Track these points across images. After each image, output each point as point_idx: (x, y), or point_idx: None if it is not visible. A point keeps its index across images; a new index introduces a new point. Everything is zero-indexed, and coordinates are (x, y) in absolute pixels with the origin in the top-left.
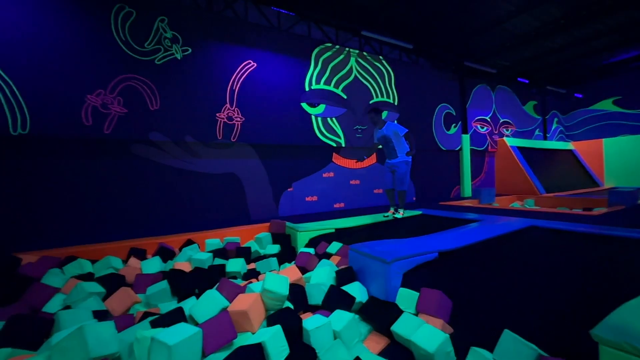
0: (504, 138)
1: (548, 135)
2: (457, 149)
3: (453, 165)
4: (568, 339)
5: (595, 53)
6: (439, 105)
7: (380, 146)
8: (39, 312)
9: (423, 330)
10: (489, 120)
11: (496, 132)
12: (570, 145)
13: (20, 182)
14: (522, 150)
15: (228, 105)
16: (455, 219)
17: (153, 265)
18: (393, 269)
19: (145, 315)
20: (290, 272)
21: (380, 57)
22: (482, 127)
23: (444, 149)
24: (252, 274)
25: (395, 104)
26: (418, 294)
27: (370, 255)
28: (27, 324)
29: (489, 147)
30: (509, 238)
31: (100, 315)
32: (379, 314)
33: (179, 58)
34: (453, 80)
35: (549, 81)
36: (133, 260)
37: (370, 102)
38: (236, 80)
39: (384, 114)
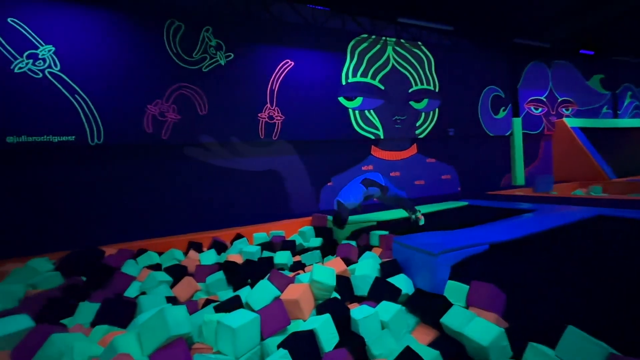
0: (564, 119)
1: (619, 112)
2: (507, 134)
3: (502, 152)
4: None
5: None
6: (486, 89)
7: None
8: (122, 296)
9: (475, 324)
10: (544, 100)
11: (553, 112)
12: None
13: (97, 186)
14: (585, 131)
15: (268, 105)
16: (507, 209)
17: (209, 257)
18: (440, 261)
19: (207, 302)
20: (335, 264)
21: (419, 42)
22: (537, 109)
23: (491, 135)
24: (298, 266)
25: (437, 90)
26: (468, 287)
27: (415, 247)
28: (118, 306)
29: (545, 129)
30: (571, 229)
31: (171, 301)
32: (427, 306)
33: (223, 64)
34: (500, 60)
35: (620, 50)
36: (192, 253)
37: (410, 90)
38: (275, 80)
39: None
